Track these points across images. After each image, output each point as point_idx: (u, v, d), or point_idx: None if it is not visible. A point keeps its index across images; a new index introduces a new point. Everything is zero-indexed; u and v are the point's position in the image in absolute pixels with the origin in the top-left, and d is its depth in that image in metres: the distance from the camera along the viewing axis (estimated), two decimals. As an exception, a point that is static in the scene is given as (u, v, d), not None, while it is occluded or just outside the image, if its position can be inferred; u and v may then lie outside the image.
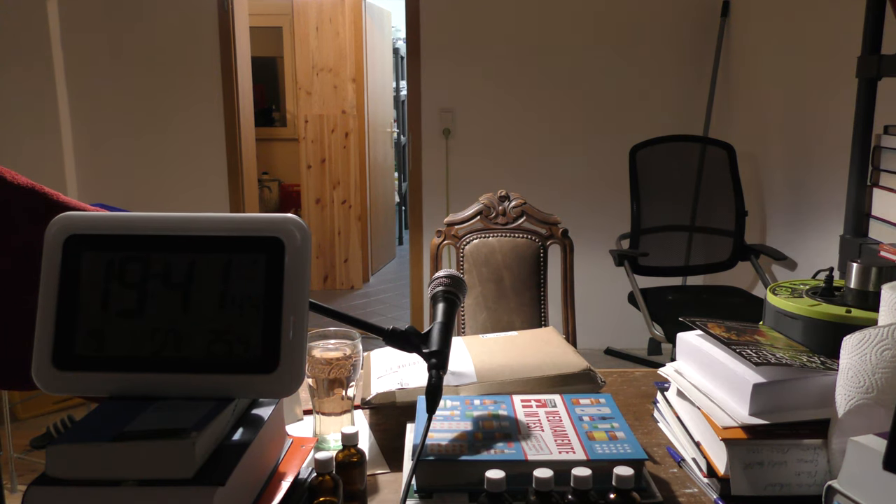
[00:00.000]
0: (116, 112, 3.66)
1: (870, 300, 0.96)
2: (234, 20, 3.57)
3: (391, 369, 1.12)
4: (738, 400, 0.89)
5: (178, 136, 3.68)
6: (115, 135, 3.68)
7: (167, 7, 3.55)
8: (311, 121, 5.00)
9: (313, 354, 0.97)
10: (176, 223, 0.72)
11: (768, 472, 0.85)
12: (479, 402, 1.00)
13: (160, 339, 0.70)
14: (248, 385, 0.70)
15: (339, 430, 0.93)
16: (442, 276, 0.97)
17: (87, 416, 0.68)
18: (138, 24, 3.57)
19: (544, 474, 0.74)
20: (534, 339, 1.25)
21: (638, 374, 1.31)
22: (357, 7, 4.95)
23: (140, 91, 3.64)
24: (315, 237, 4.99)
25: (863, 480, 0.73)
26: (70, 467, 0.62)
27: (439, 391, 0.85)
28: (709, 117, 3.43)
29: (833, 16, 2.52)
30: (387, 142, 5.72)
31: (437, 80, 3.54)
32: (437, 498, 0.84)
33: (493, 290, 1.85)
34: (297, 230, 0.71)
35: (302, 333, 0.70)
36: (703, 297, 2.92)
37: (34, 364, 0.69)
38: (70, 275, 0.70)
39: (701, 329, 1.01)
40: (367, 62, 5.08)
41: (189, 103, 3.64)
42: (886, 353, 0.77)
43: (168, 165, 3.71)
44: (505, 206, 1.87)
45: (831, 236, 2.50)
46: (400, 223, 6.49)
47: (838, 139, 2.43)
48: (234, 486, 0.64)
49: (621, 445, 0.87)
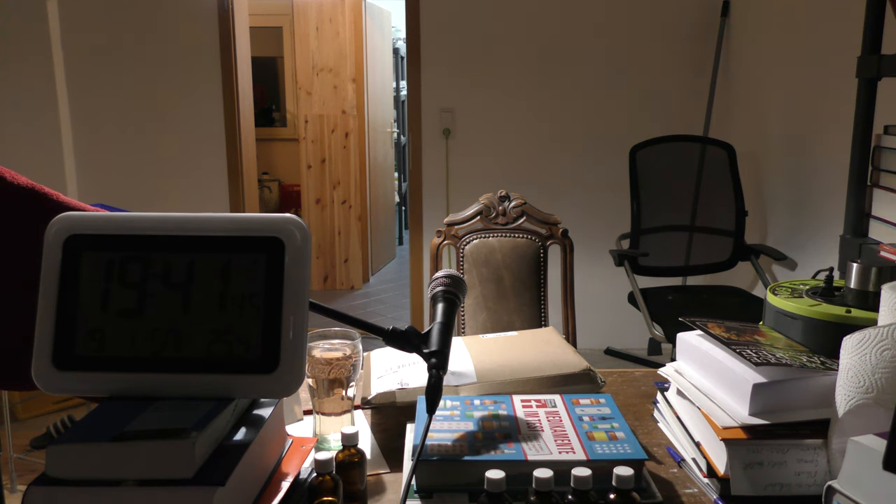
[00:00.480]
0: (116, 112, 3.66)
1: (870, 300, 0.96)
2: (234, 20, 3.57)
3: (391, 369, 1.12)
4: (738, 400, 0.89)
5: (178, 136, 3.68)
6: (116, 135, 3.68)
7: (167, 7, 3.55)
8: (312, 121, 5.00)
9: (313, 354, 0.97)
10: (176, 223, 0.72)
11: (768, 472, 0.85)
12: (479, 402, 1.00)
13: (160, 339, 0.70)
14: (248, 385, 0.70)
15: (340, 430, 0.93)
16: (442, 276, 0.97)
17: (87, 416, 0.68)
18: (138, 24, 3.57)
19: (544, 474, 0.74)
20: (534, 339, 1.25)
21: (638, 374, 1.31)
22: (357, 7, 4.95)
23: (140, 91, 3.64)
24: (315, 237, 4.99)
25: (863, 480, 0.73)
26: (70, 467, 0.62)
27: (439, 391, 0.85)
28: (709, 117, 3.43)
29: (833, 16, 2.52)
30: (387, 142, 5.72)
31: (438, 80, 3.54)
32: (437, 498, 0.84)
33: (493, 290, 1.85)
34: (297, 230, 0.71)
35: (302, 333, 0.70)
36: (703, 297, 2.92)
37: (34, 364, 0.69)
38: (70, 275, 0.70)
39: (701, 329, 1.01)
40: (367, 62, 5.08)
41: (189, 103, 3.64)
42: (886, 353, 0.77)
43: (168, 165, 3.71)
44: (505, 206, 1.87)
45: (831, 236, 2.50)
46: (400, 223, 6.49)
47: (838, 139, 2.42)
48: (234, 486, 0.64)
49: (621, 445, 0.87)
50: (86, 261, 0.71)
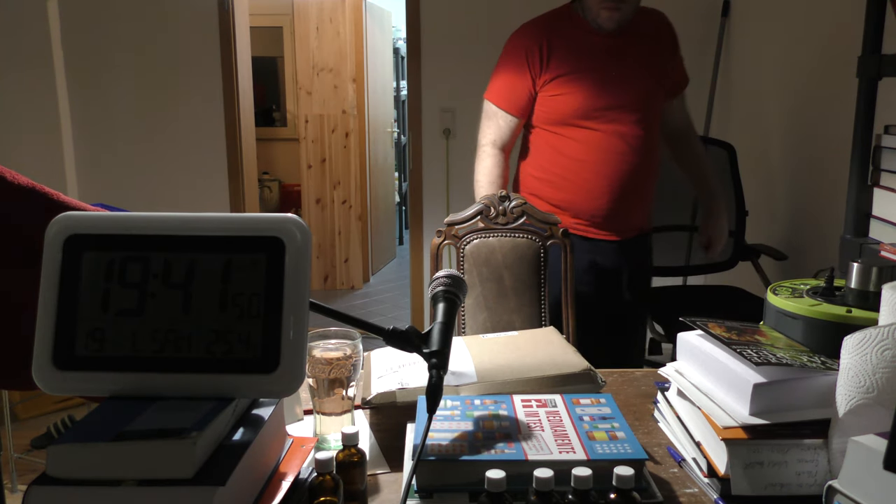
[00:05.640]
0: (116, 112, 3.65)
1: (870, 300, 0.96)
2: (234, 20, 3.57)
3: (391, 369, 1.12)
4: (739, 400, 0.89)
5: (179, 135, 3.67)
6: (116, 135, 3.68)
7: (167, 7, 3.55)
8: (312, 121, 5.00)
9: (313, 354, 0.97)
10: (176, 223, 0.72)
11: (768, 472, 0.85)
12: (479, 402, 1.00)
13: (160, 338, 0.70)
14: (248, 385, 0.70)
15: (340, 430, 0.93)
16: (442, 276, 0.97)
17: (87, 416, 0.68)
18: (138, 24, 3.57)
19: (544, 474, 0.74)
20: (534, 339, 1.25)
21: (638, 374, 1.31)
22: (357, 7, 4.95)
23: (140, 91, 3.63)
24: (315, 237, 4.99)
25: (863, 480, 0.73)
26: (70, 467, 0.62)
27: (439, 391, 0.85)
28: (709, 117, 3.43)
29: (833, 16, 2.52)
30: (387, 142, 5.72)
31: (438, 80, 3.54)
32: (437, 498, 0.84)
33: (494, 290, 1.85)
34: (297, 230, 0.71)
35: (302, 333, 0.70)
36: (704, 297, 2.91)
37: (34, 364, 0.69)
38: (70, 275, 0.70)
39: (701, 329, 1.00)
40: (367, 62, 5.08)
41: (189, 103, 3.64)
42: (887, 353, 0.77)
43: (168, 165, 3.71)
44: (505, 206, 1.87)
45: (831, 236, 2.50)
46: (400, 223, 6.48)
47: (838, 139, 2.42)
48: (234, 486, 0.64)
49: (621, 445, 0.87)
50: (86, 261, 0.71)
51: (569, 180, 1.91)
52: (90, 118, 3.64)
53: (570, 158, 1.90)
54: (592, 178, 1.89)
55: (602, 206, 1.90)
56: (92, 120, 3.64)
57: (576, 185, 1.91)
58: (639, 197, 1.96)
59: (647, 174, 1.95)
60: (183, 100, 3.63)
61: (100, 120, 3.65)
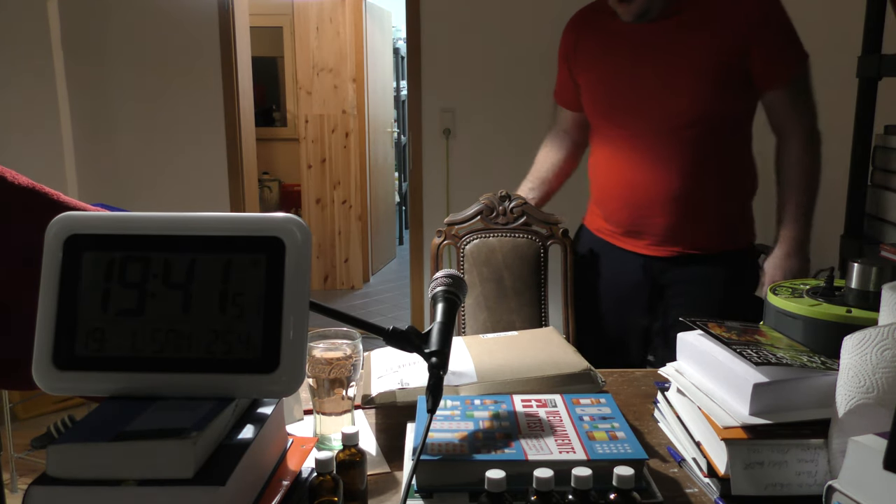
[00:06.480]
0: (116, 112, 3.66)
1: (870, 300, 0.96)
2: (234, 20, 3.57)
3: (391, 369, 1.12)
4: (739, 400, 0.89)
5: (179, 135, 3.67)
6: (116, 135, 3.68)
7: (167, 7, 3.55)
8: (312, 121, 5.00)
9: (313, 354, 0.97)
10: (176, 223, 0.72)
11: (768, 471, 0.85)
12: (479, 402, 1.00)
13: (160, 339, 0.70)
14: (248, 385, 0.70)
15: (340, 429, 0.93)
16: (442, 276, 0.97)
17: (87, 416, 0.68)
18: (138, 23, 3.57)
19: (544, 474, 0.73)
20: (534, 339, 1.25)
21: (638, 374, 1.31)
22: (357, 7, 4.95)
23: (140, 91, 3.63)
24: (315, 237, 4.99)
25: (863, 480, 0.73)
26: (70, 467, 0.62)
27: (440, 391, 0.85)
28: (709, 117, 3.42)
29: (833, 16, 2.52)
30: (387, 142, 5.72)
31: (437, 80, 3.53)
32: (437, 498, 0.84)
33: (494, 290, 1.85)
34: (297, 230, 0.71)
35: (302, 333, 0.70)
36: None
37: (34, 364, 0.69)
38: (70, 275, 0.70)
39: (701, 329, 1.01)
40: (367, 62, 5.08)
41: (189, 103, 3.64)
42: (887, 352, 0.77)
43: (168, 165, 3.71)
44: (505, 205, 1.87)
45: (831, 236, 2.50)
46: (400, 223, 6.48)
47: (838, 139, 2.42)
48: (234, 486, 0.64)
49: (621, 445, 0.87)
50: (86, 261, 0.71)
51: (595, 182, 1.82)
52: (90, 118, 3.64)
53: (596, 159, 1.80)
54: (611, 184, 1.73)
55: (623, 215, 1.71)
56: (92, 120, 3.64)
57: (599, 188, 1.79)
58: (679, 212, 1.63)
59: (693, 188, 1.62)
60: (183, 100, 3.63)
61: (100, 120, 3.65)
